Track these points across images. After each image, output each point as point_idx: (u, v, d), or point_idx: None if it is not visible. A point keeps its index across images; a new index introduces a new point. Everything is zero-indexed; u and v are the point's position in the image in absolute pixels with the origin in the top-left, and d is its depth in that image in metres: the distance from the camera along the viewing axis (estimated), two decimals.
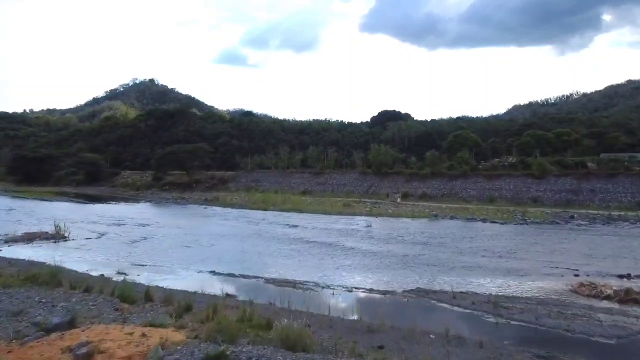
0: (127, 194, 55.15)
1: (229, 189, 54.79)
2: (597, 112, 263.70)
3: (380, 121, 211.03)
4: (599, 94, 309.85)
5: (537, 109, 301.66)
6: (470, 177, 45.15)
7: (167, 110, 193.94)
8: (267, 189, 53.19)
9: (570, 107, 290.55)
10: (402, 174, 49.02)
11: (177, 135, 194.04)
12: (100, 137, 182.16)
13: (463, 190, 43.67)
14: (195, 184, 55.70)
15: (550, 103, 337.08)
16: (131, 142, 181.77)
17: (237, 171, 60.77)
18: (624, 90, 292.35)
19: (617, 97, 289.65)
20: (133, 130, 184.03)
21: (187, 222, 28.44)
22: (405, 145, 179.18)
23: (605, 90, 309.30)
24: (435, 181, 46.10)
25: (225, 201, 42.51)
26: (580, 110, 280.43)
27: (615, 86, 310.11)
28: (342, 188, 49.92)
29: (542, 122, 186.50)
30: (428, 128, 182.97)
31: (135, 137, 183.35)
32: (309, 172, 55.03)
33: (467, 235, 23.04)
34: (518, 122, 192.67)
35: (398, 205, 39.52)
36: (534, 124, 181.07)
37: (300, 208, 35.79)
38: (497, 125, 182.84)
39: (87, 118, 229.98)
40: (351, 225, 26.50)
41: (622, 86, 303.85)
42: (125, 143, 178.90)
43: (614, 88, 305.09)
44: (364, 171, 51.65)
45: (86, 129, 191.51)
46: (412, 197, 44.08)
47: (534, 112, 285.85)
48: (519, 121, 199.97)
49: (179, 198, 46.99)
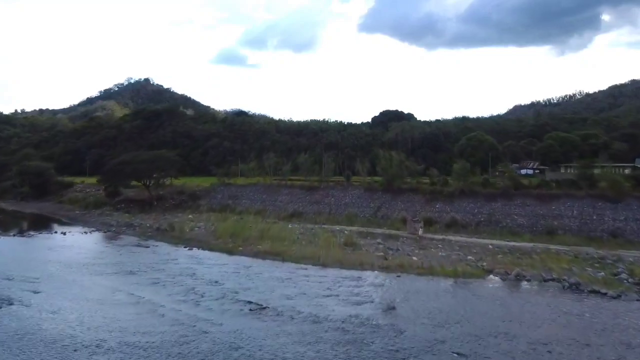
0: (71, 214, 43.66)
1: (199, 208, 43.28)
2: (602, 112, 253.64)
3: (381, 121, 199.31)
4: (602, 94, 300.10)
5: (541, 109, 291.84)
6: (514, 196, 33.63)
7: (154, 110, 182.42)
8: (247, 208, 41.71)
9: (575, 107, 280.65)
10: (421, 190, 37.49)
11: (165, 137, 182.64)
12: (83, 139, 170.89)
13: (507, 216, 32.14)
14: (156, 201, 44.18)
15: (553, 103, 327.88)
16: (115, 145, 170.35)
17: (213, 183, 49.22)
18: (628, 90, 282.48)
19: (622, 97, 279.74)
20: (117, 131, 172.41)
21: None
22: (409, 147, 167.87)
23: (609, 90, 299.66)
24: (466, 202, 34.58)
25: (181, 232, 30.90)
26: (585, 110, 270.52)
27: (619, 86, 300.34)
28: (342, 209, 38.42)
29: (555, 123, 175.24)
30: (433, 129, 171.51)
31: (119, 139, 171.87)
32: (301, 187, 43.51)
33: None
34: (528, 123, 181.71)
35: (421, 240, 28.09)
36: (546, 125, 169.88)
37: (281, 251, 24.23)
38: (506, 125, 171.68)
39: (79, 119, 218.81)
40: (358, 303, 15.07)
41: (626, 86, 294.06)
42: (109, 145, 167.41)
43: (618, 88, 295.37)
44: (371, 186, 40.10)
45: (68, 130, 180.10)
46: (438, 225, 32.60)
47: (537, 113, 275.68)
48: (529, 121, 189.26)
49: (125, 225, 35.40)
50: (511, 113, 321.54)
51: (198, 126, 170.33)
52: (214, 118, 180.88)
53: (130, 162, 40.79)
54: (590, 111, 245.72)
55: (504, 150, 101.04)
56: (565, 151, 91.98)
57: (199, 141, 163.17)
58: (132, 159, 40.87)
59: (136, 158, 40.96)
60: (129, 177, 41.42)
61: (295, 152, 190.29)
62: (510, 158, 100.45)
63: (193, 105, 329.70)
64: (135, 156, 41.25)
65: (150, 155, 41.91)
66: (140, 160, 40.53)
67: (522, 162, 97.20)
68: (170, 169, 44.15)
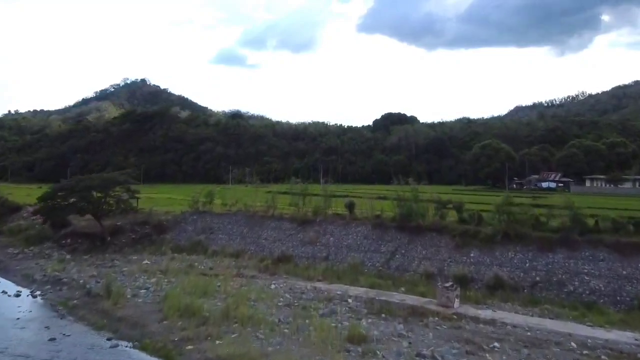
0: (1, 253, 34.61)
1: (163, 244, 34.27)
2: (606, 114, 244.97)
3: (383, 125, 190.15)
4: (606, 94, 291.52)
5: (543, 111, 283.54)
6: (580, 245, 24.59)
7: (144, 112, 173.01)
8: (223, 248, 32.71)
9: (578, 108, 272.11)
10: (448, 230, 28.44)
11: (155, 141, 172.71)
12: (68, 143, 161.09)
13: (573, 275, 23.07)
14: (111, 236, 35.15)
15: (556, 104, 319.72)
16: (102, 149, 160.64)
17: (185, 211, 40.19)
18: (632, 91, 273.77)
19: (626, 98, 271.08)
20: (105, 135, 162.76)
21: None
22: (413, 153, 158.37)
23: (612, 91, 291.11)
24: (512, 251, 25.50)
25: (117, 300, 21.65)
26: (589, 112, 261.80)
27: (622, 87, 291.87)
28: (344, 253, 29.34)
29: (566, 127, 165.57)
30: (438, 133, 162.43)
31: (107, 144, 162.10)
32: (292, 219, 34.44)
33: None
34: (538, 127, 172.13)
35: (460, 320, 19.13)
36: (557, 129, 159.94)
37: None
38: (515, 129, 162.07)
39: (73, 120, 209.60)
40: None
41: (630, 87, 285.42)
42: (95, 150, 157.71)
43: (621, 89, 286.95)
44: (381, 222, 31.00)
45: (53, 133, 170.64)
46: (477, 286, 23.60)
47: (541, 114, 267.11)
48: (538, 125, 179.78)
49: (52, 281, 26.23)
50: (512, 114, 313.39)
51: (190, 130, 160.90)
52: (207, 121, 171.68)
53: (72, 187, 31.67)
54: (595, 113, 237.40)
55: (521, 160, 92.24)
56: (590, 161, 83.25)
57: (192, 146, 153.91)
58: (74, 185, 31.69)
59: (79, 183, 31.77)
60: (71, 209, 32.25)
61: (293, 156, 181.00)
62: (529, 168, 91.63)
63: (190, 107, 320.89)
64: (79, 181, 32.06)
65: (98, 179, 32.69)
66: (84, 187, 31.36)
67: (542, 173, 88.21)
68: (123, 194, 34.96)
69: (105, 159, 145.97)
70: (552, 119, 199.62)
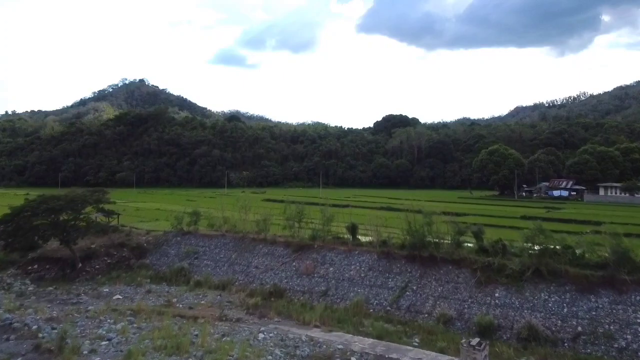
0: None
1: (140, 273, 30.28)
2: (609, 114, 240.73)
3: (385, 127, 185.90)
4: (608, 95, 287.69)
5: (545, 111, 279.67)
6: (627, 286, 20.56)
7: (138, 114, 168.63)
8: (207, 277, 28.72)
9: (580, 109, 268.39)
10: (467, 263, 24.40)
11: (150, 145, 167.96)
12: (60, 146, 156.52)
13: (626, 326, 19.01)
14: (82, 261, 31.13)
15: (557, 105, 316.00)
16: (95, 153, 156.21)
17: (168, 231, 36.17)
18: (634, 92, 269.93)
19: (628, 98, 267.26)
20: (98, 138, 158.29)
21: None
22: (415, 157, 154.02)
23: (614, 92, 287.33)
24: (545, 292, 21.47)
25: (71, 357, 17.72)
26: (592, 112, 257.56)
27: (624, 87, 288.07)
28: (346, 289, 25.32)
29: (572, 130, 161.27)
30: (441, 136, 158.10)
31: (100, 147, 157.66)
32: (286, 244, 30.39)
33: None
34: (543, 129, 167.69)
35: None
36: (564, 132, 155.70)
37: None
38: (520, 131, 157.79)
39: (70, 121, 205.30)
40: None
41: (632, 87, 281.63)
42: (88, 154, 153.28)
43: (623, 89, 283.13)
44: (388, 251, 26.94)
45: (45, 136, 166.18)
46: (505, 336, 19.64)
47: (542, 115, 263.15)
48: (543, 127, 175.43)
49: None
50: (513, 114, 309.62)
51: (186, 132, 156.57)
52: (203, 124, 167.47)
53: (33, 208, 27.59)
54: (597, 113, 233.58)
55: (530, 166, 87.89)
56: (604, 168, 78.73)
57: (187, 149, 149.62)
58: (37, 207, 27.59)
59: (42, 204, 27.67)
60: (35, 232, 28.18)
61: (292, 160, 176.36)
62: (539, 175, 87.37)
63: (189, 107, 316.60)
64: (42, 202, 27.94)
65: (64, 199, 28.56)
66: (46, 209, 27.28)
67: (553, 181, 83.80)
68: (91, 215, 30.93)
69: (98, 163, 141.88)
70: (555, 120, 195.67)
